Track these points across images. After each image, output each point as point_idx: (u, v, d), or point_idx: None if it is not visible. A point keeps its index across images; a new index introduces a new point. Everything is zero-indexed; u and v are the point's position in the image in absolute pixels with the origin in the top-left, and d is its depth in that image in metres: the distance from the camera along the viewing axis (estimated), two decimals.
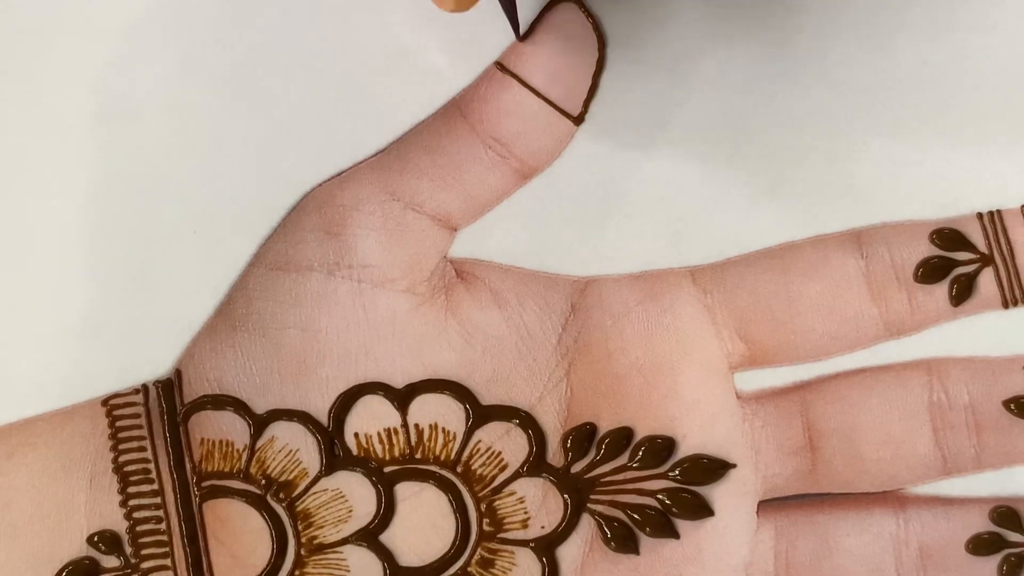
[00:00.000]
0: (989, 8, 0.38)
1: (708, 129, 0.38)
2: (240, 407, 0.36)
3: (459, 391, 0.36)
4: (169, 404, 0.36)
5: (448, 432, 0.36)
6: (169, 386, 0.37)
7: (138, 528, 0.36)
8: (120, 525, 0.36)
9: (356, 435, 0.36)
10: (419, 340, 0.36)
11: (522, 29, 0.37)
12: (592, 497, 0.36)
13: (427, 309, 0.37)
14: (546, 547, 0.36)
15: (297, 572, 0.36)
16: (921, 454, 0.36)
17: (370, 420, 0.36)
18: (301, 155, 0.37)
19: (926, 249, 0.37)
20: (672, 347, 0.37)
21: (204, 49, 0.38)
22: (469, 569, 0.36)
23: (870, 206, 0.38)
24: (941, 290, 0.37)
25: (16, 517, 0.35)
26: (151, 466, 0.36)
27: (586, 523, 0.36)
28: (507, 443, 0.36)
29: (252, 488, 0.36)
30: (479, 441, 0.36)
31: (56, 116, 0.38)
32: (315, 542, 0.36)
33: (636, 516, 0.36)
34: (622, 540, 0.36)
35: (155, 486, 0.36)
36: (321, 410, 0.36)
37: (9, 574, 0.35)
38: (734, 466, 0.36)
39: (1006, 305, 0.37)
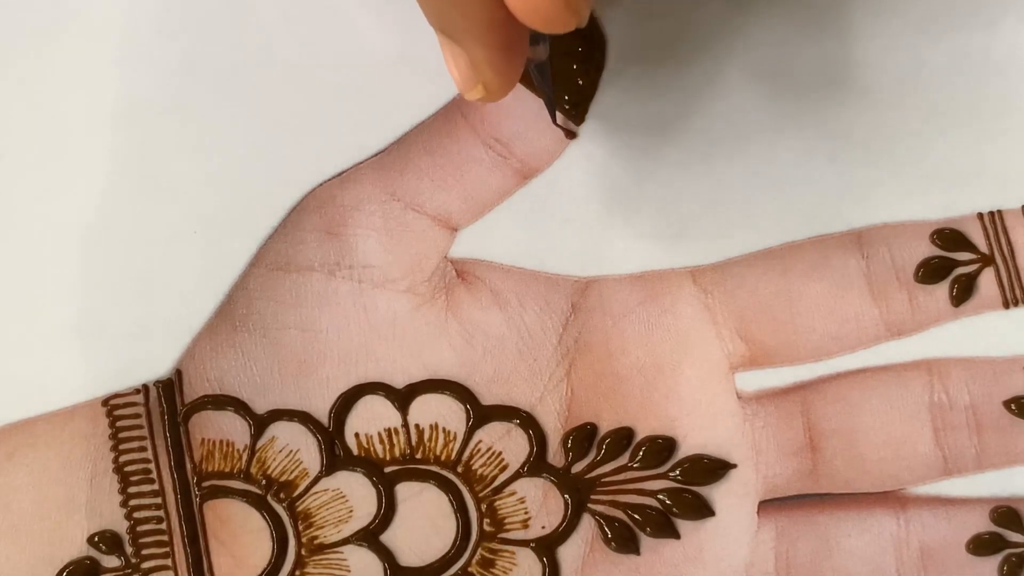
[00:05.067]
0: (989, 8, 0.38)
1: (708, 129, 0.38)
2: (240, 407, 0.36)
3: (460, 391, 0.36)
4: (169, 404, 0.36)
5: (449, 432, 0.36)
6: (169, 386, 0.37)
7: (139, 528, 0.36)
8: (121, 525, 0.36)
9: (357, 435, 0.36)
10: (420, 340, 0.36)
11: None
12: (593, 497, 0.36)
13: (428, 309, 0.37)
14: (547, 547, 0.36)
15: (298, 572, 0.36)
16: (922, 454, 0.36)
17: (371, 420, 0.36)
18: (301, 155, 0.37)
19: (927, 249, 0.37)
20: (673, 347, 0.37)
21: (204, 49, 0.38)
22: (470, 569, 0.36)
23: (870, 206, 0.38)
24: (942, 290, 0.37)
25: (17, 517, 0.35)
26: (151, 466, 0.36)
27: (587, 523, 0.36)
28: (508, 443, 0.36)
29: (253, 488, 0.36)
30: (480, 441, 0.36)
31: (56, 116, 0.37)
32: (316, 542, 0.36)
33: (637, 516, 0.36)
34: (623, 540, 0.36)
35: (155, 486, 0.36)
36: (322, 410, 0.36)
37: (10, 574, 0.35)
38: (735, 466, 0.36)
39: (1007, 305, 0.37)
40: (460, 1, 0.29)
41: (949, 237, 0.37)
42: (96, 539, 0.35)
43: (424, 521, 0.36)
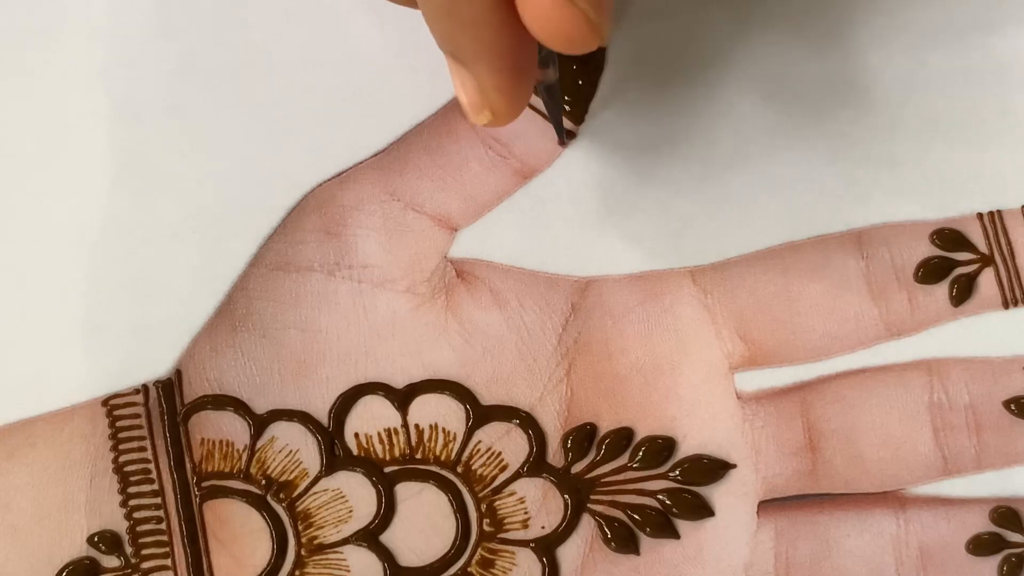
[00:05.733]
0: (989, 8, 0.38)
1: (708, 129, 0.38)
2: (240, 407, 0.36)
3: (459, 391, 0.36)
4: (169, 404, 0.36)
5: (448, 432, 0.36)
6: (169, 386, 0.37)
7: (138, 528, 0.36)
8: (120, 525, 0.36)
9: (356, 435, 0.36)
10: (419, 340, 0.36)
11: None
12: (592, 497, 0.36)
13: (427, 309, 0.37)
14: (546, 547, 0.36)
15: (297, 572, 0.36)
16: (921, 454, 0.36)
17: (370, 420, 0.36)
18: (301, 155, 0.37)
19: (926, 249, 0.37)
20: (672, 347, 0.37)
21: (204, 49, 0.38)
22: (469, 569, 0.36)
23: (870, 206, 0.38)
24: (941, 290, 0.37)
25: (16, 517, 0.35)
26: (151, 466, 0.36)
27: (586, 523, 0.36)
28: (507, 443, 0.36)
29: (252, 488, 0.36)
30: (479, 441, 0.36)
31: (56, 116, 0.37)
32: (315, 542, 0.36)
33: (636, 516, 0.36)
34: (622, 540, 0.36)
35: (155, 486, 0.36)
36: (321, 410, 0.36)
37: (9, 574, 0.35)
38: (734, 466, 0.36)
39: (1006, 305, 0.37)
40: (470, 25, 0.29)
41: (949, 237, 0.37)
42: (96, 539, 0.35)
43: (424, 521, 0.36)
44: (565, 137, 0.37)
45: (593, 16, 0.28)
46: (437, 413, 0.36)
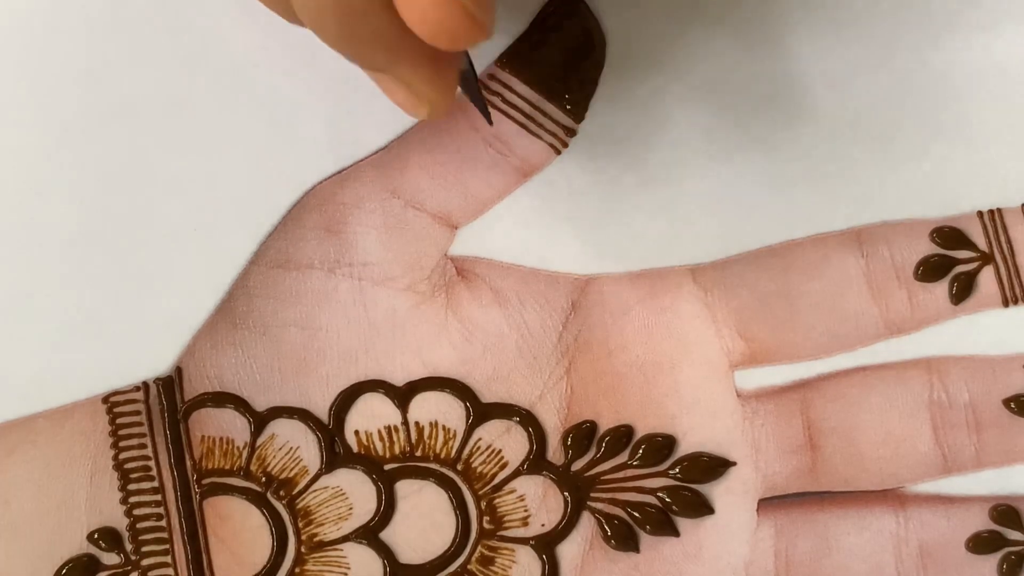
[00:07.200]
0: (989, 8, 0.38)
1: (708, 129, 0.38)
2: (240, 404, 0.36)
3: (459, 389, 0.36)
4: (170, 401, 0.36)
5: (448, 430, 0.36)
6: (170, 383, 0.37)
7: (138, 525, 0.36)
8: (120, 522, 0.36)
9: (356, 433, 0.36)
10: (419, 338, 0.36)
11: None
12: (592, 495, 0.36)
13: (427, 307, 0.37)
14: (546, 545, 0.36)
15: (297, 570, 0.36)
16: (921, 452, 0.36)
17: (370, 418, 0.36)
18: (302, 153, 0.37)
19: (926, 248, 0.37)
20: (672, 345, 0.37)
21: (204, 47, 0.38)
22: (469, 567, 0.36)
23: (870, 205, 0.38)
24: (941, 289, 0.37)
25: (16, 514, 0.35)
26: (151, 463, 0.36)
27: (586, 521, 0.36)
28: (507, 441, 0.36)
29: (252, 486, 0.36)
30: (479, 439, 0.36)
31: (56, 116, 0.37)
32: (315, 540, 0.36)
33: (636, 514, 0.36)
34: (622, 538, 0.36)
35: (155, 483, 0.36)
36: (322, 408, 0.36)
37: (9, 571, 0.35)
38: (734, 464, 0.36)
39: (1006, 304, 0.37)
40: (374, 40, 0.29)
41: (949, 235, 0.37)
42: (96, 536, 0.35)
43: (424, 519, 0.36)
44: (491, 118, 0.36)
45: (473, 9, 0.27)
46: (437, 411, 0.36)
